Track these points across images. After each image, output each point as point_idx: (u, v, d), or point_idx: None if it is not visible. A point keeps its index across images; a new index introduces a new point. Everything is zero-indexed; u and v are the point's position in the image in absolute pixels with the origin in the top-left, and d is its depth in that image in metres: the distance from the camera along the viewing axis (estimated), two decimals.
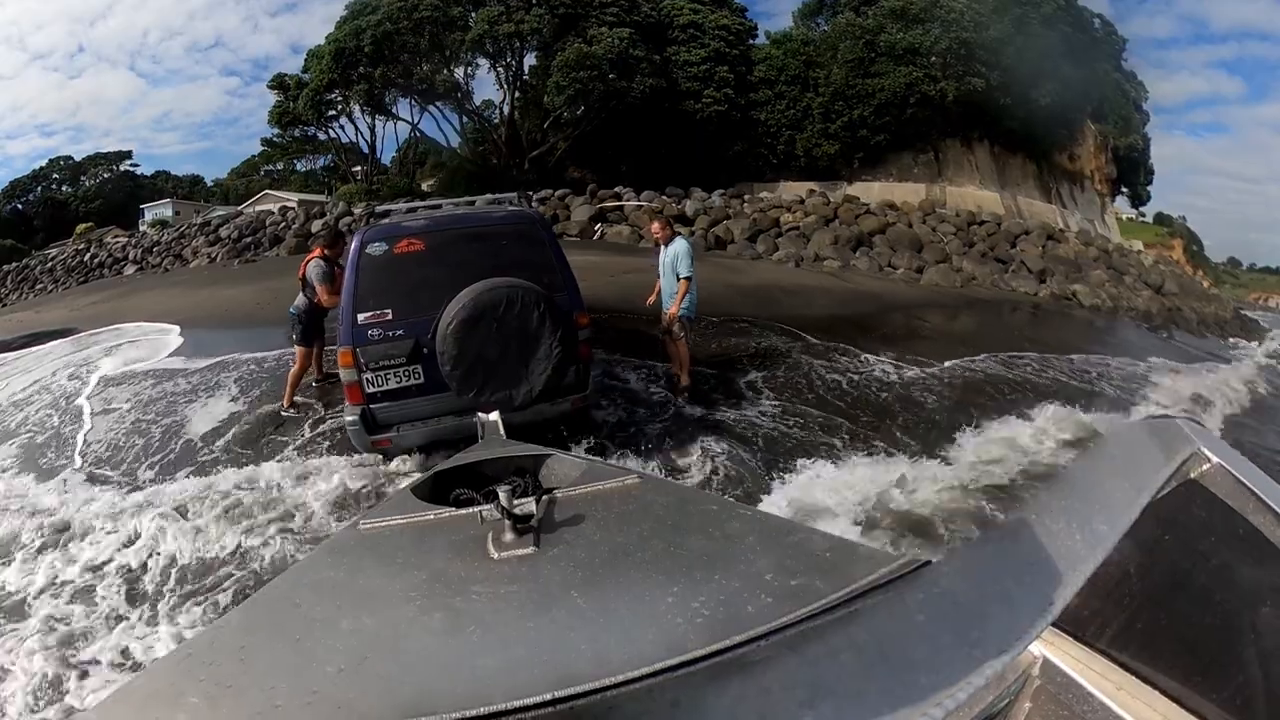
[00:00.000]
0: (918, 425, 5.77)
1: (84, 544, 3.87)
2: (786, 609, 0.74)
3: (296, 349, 5.63)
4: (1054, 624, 0.73)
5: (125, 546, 3.82)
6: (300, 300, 5.51)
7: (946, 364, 7.82)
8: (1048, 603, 0.68)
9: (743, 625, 0.72)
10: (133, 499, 4.35)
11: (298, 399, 5.80)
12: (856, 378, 6.99)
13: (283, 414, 5.71)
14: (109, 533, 3.96)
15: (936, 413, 6.14)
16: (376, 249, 4.01)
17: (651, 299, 6.05)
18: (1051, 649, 0.83)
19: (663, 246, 5.72)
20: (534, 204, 5.84)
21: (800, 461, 4.74)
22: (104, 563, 3.68)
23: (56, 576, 3.59)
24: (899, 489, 4.32)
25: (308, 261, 5.48)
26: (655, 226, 5.90)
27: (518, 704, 0.62)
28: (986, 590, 0.74)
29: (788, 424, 5.55)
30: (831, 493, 4.22)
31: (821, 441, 5.27)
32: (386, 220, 4.59)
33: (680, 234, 5.96)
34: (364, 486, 4.21)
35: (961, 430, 5.46)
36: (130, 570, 3.62)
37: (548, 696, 0.63)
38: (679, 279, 5.50)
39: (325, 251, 5.43)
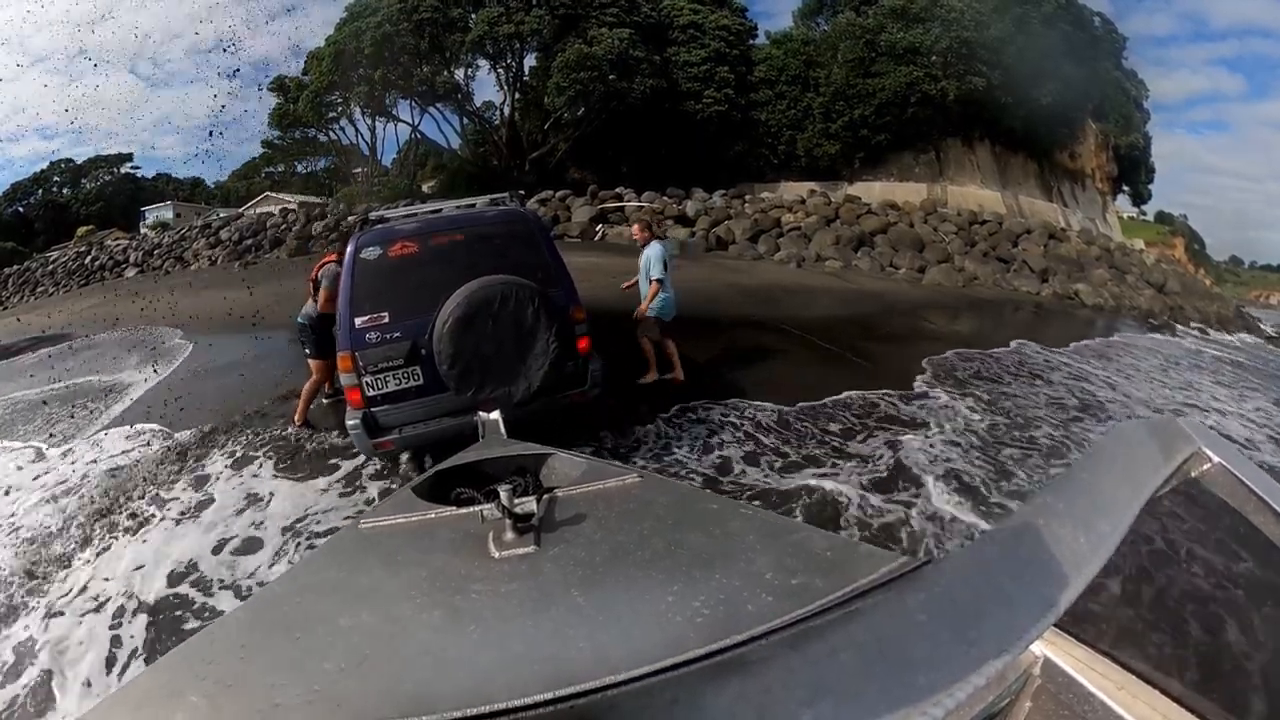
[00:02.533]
0: None
1: None
2: (787, 608, 0.74)
3: (311, 362, 5.31)
4: (1055, 624, 0.72)
5: None
6: (310, 307, 5.27)
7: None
8: (1049, 603, 0.68)
9: (743, 624, 0.72)
10: None
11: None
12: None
13: (289, 429, 5.42)
14: None
15: None
16: (371, 253, 4.04)
17: (627, 285, 6.15)
18: (1052, 648, 0.83)
19: (642, 249, 5.82)
20: (525, 203, 5.87)
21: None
22: None
23: None
24: None
25: (322, 265, 5.33)
26: (635, 229, 5.98)
27: (518, 703, 0.62)
28: (987, 590, 0.73)
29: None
30: None
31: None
32: (381, 224, 4.61)
33: (659, 238, 6.04)
34: None
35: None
36: None
37: (548, 695, 0.63)
38: (650, 282, 5.65)
39: (340, 257, 5.16)
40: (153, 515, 4.39)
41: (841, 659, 0.66)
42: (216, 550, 3.95)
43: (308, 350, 5.32)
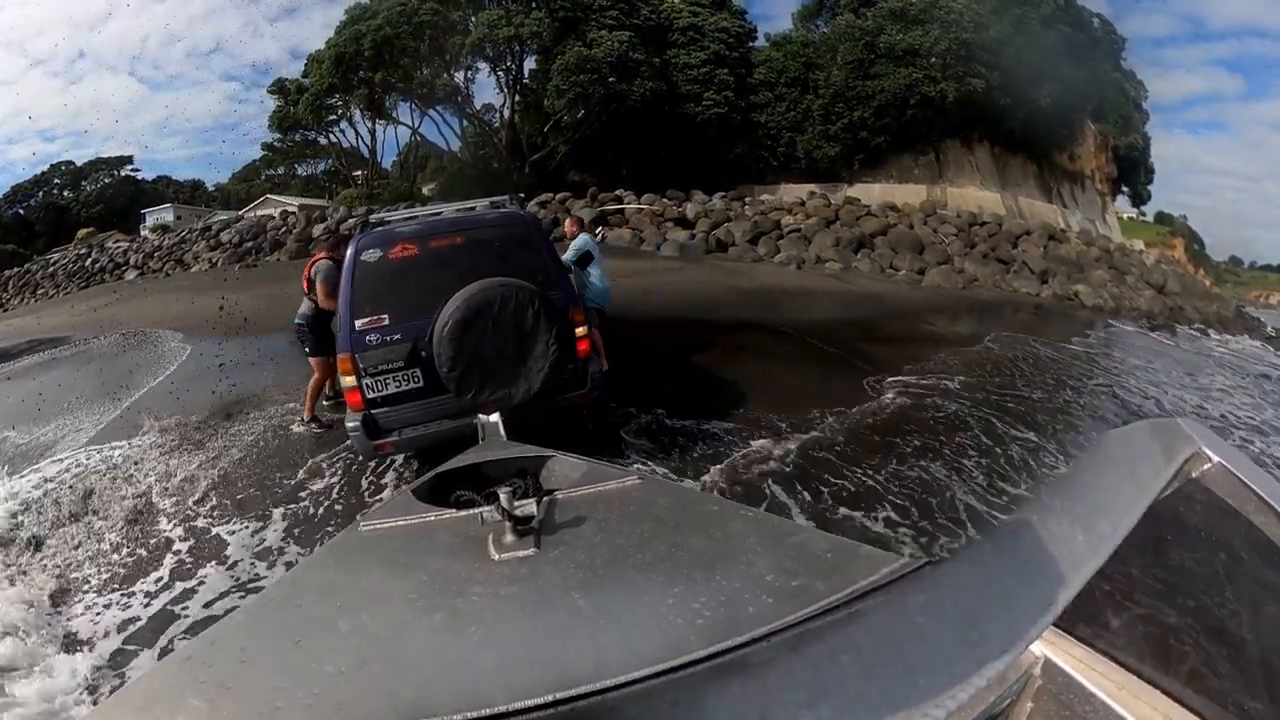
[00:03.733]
0: None
1: None
2: (787, 609, 0.74)
3: (311, 360, 5.39)
4: (1055, 624, 0.72)
5: None
6: (305, 306, 5.35)
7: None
8: (1048, 603, 0.68)
9: (744, 626, 0.72)
10: None
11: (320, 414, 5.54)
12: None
13: (299, 428, 5.46)
14: None
15: None
16: (371, 255, 4.05)
17: None
18: (1053, 649, 0.83)
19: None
20: (525, 205, 5.91)
21: None
22: None
23: None
24: None
25: (313, 263, 5.39)
26: (567, 224, 6.17)
27: (518, 705, 0.62)
28: (987, 591, 0.73)
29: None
30: None
31: None
32: (381, 227, 4.62)
33: (587, 232, 6.14)
34: None
35: None
36: None
37: (549, 698, 0.63)
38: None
39: (330, 255, 5.35)
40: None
41: (842, 661, 0.66)
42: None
43: (306, 349, 5.38)
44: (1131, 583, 0.89)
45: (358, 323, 3.93)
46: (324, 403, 5.81)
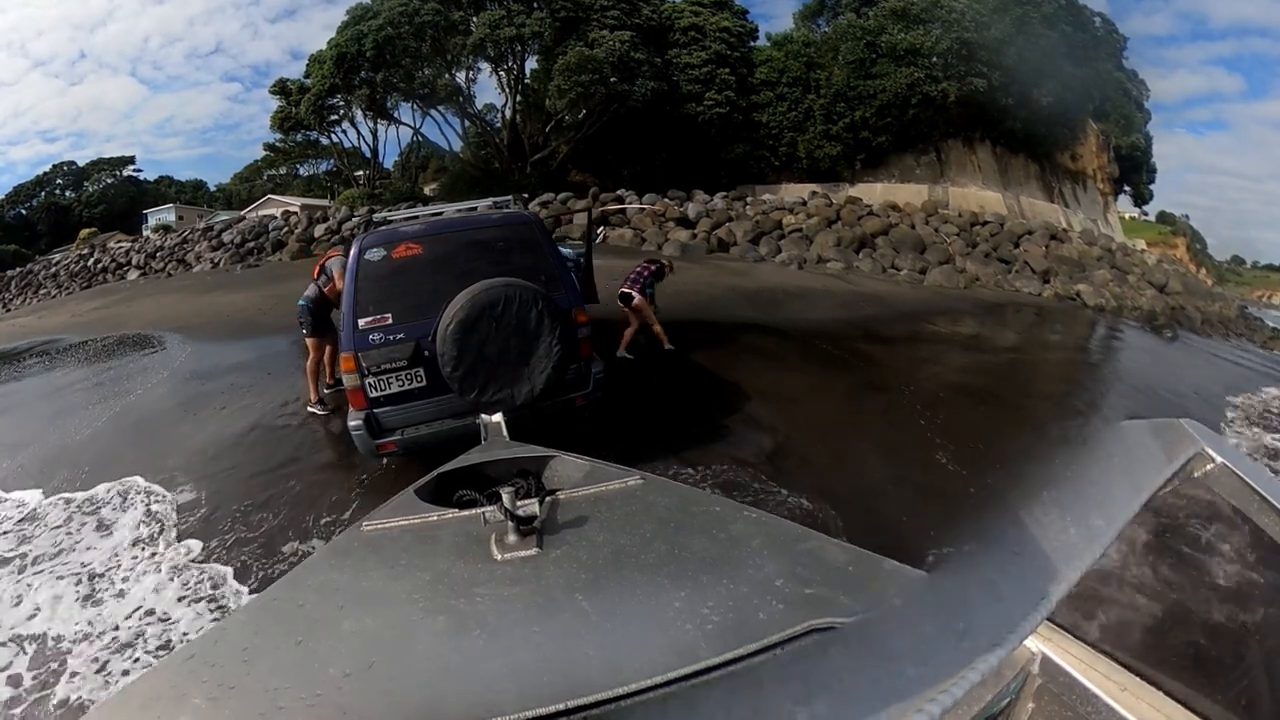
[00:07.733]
0: None
1: None
2: (801, 617, 0.73)
3: (308, 340, 5.66)
4: (1056, 623, 0.72)
5: None
6: (311, 290, 5.59)
7: None
8: (1041, 597, 0.67)
9: (755, 633, 0.71)
10: None
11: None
12: None
13: (308, 410, 5.67)
14: None
15: None
16: (375, 254, 4.05)
17: None
18: (1053, 648, 0.83)
19: None
20: (527, 205, 5.92)
21: None
22: None
23: None
24: None
25: (327, 258, 5.70)
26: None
27: (529, 714, 0.62)
28: (980, 585, 0.73)
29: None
30: None
31: None
32: (385, 226, 4.63)
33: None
34: None
35: None
36: None
37: (560, 706, 0.62)
38: None
39: (343, 253, 5.62)
40: None
41: (834, 656, 0.66)
42: None
43: (305, 330, 5.65)
44: (1133, 582, 0.89)
45: (361, 322, 3.93)
46: (325, 389, 5.99)
